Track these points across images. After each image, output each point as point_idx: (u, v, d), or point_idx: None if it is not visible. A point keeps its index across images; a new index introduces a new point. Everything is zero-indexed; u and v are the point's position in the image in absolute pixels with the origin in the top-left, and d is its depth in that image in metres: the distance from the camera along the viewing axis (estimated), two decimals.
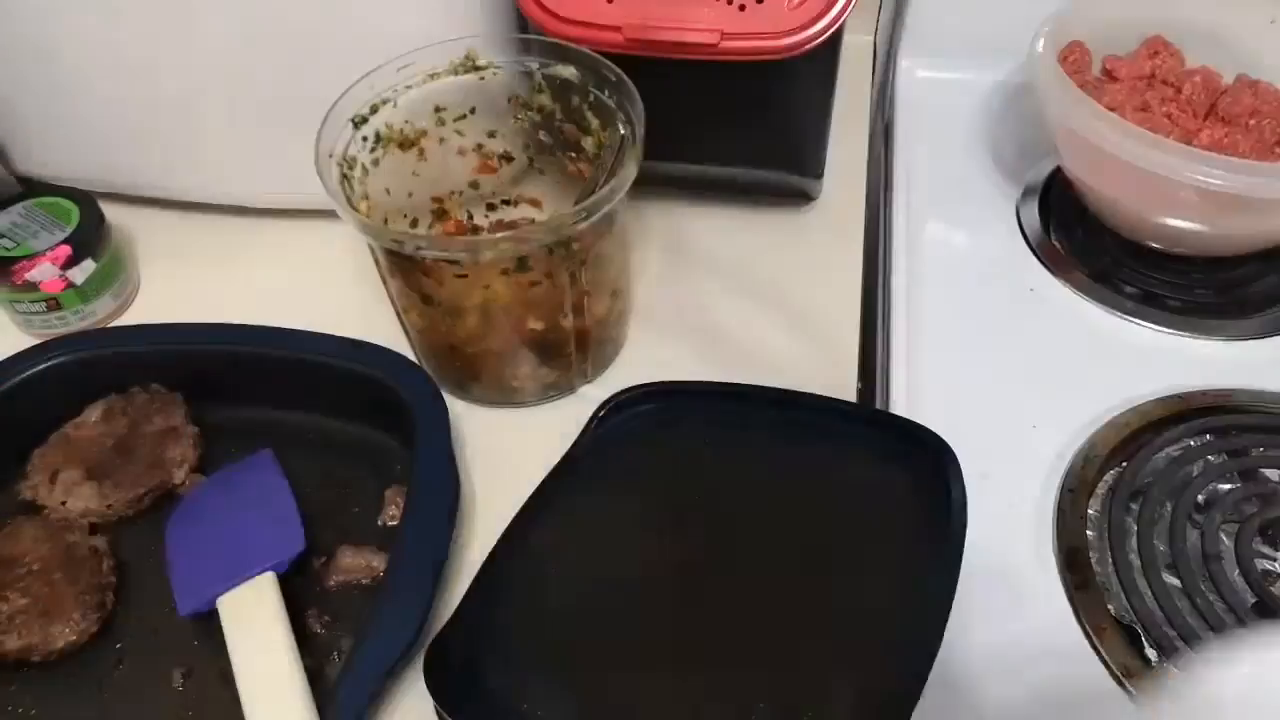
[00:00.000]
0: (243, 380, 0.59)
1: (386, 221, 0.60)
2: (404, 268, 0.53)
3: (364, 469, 0.57)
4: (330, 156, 0.53)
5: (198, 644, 0.50)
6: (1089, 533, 0.53)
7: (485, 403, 0.61)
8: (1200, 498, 0.53)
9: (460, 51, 0.58)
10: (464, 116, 0.61)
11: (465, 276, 0.52)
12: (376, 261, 0.56)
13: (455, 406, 0.59)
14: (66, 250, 0.63)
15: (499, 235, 0.49)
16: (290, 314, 0.59)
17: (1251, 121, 0.65)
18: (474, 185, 0.65)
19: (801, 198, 0.73)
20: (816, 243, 0.71)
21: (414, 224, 0.64)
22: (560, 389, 0.61)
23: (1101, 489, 0.55)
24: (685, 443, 0.55)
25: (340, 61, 0.56)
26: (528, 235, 0.51)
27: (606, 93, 0.56)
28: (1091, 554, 0.52)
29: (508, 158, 0.64)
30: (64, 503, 0.54)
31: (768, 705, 0.42)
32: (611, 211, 0.54)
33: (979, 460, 0.53)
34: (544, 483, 0.51)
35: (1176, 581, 0.50)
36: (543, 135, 0.62)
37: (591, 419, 0.55)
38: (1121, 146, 0.58)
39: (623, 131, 0.55)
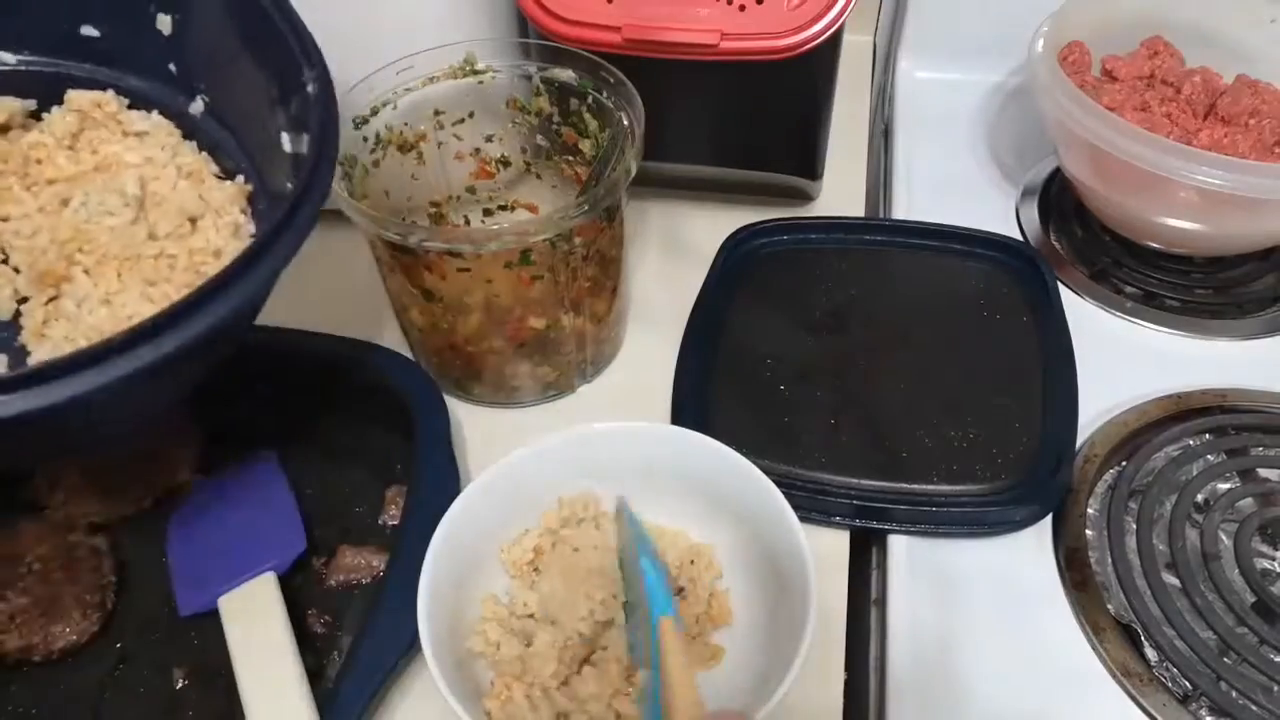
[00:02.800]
0: (244, 381, 0.59)
1: None
2: (406, 263, 0.53)
3: (364, 469, 0.57)
4: None
5: (198, 644, 0.50)
6: (1088, 532, 0.53)
7: (485, 403, 0.61)
8: (1199, 497, 0.53)
9: (459, 55, 0.58)
10: (462, 120, 0.61)
11: (468, 270, 0.52)
12: (377, 259, 0.56)
13: (455, 407, 0.59)
14: None
15: (502, 227, 0.50)
16: (291, 314, 0.59)
17: (1251, 121, 0.65)
18: (471, 190, 0.65)
19: (801, 198, 0.73)
20: None
21: None
22: (560, 389, 0.61)
23: (1101, 488, 0.55)
24: (816, 261, 0.68)
25: (340, 64, 0.55)
26: (530, 227, 0.51)
27: (605, 94, 0.56)
28: (1091, 554, 0.52)
29: (505, 162, 0.64)
30: (65, 502, 0.54)
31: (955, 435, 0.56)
32: (612, 206, 0.54)
33: None
34: (699, 304, 0.64)
35: (1176, 581, 0.50)
36: (540, 139, 0.62)
37: (719, 253, 0.67)
38: (1121, 146, 0.58)
39: (625, 123, 0.55)
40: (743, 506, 0.49)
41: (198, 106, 0.52)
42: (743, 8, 0.58)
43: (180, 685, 0.49)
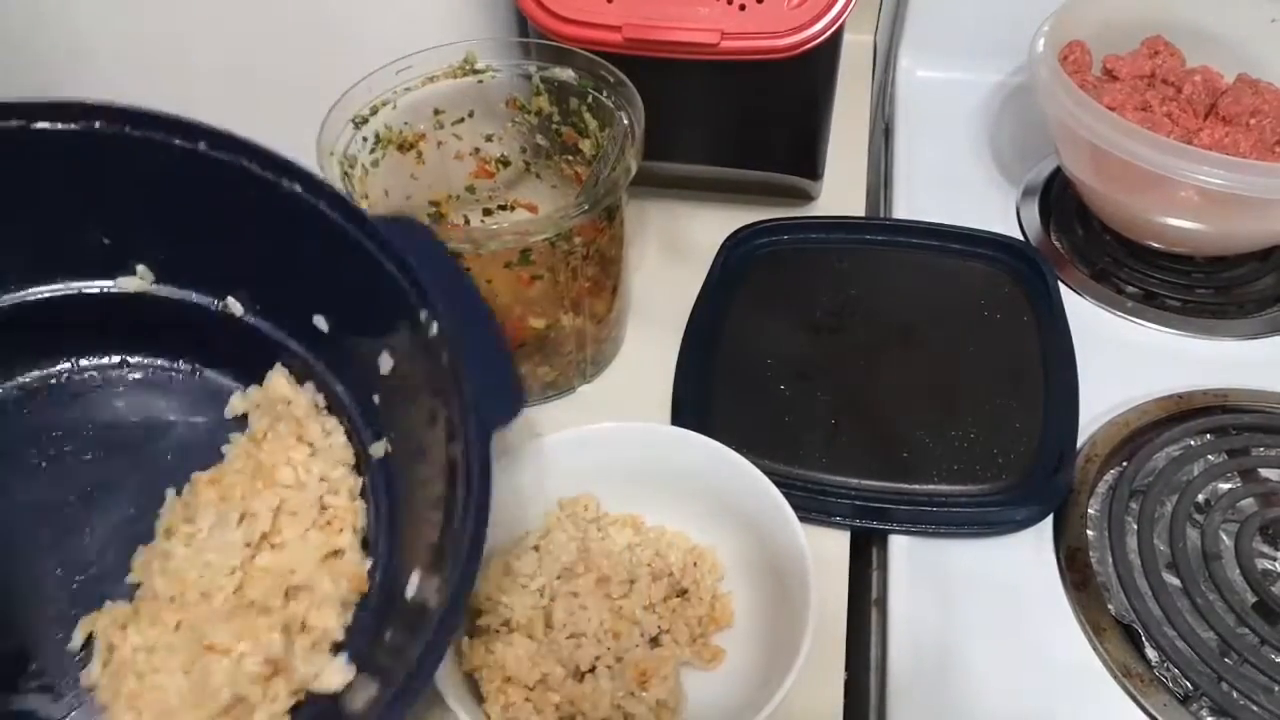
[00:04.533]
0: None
1: None
2: None
3: None
4: (331, 154, 0.53)
5: None
6: (1089, 532, 0.53)
7: None
8: (1200, 497, 0.53)
9: (459, 54, 0.58)
10: (462, 120, 0.61)
11: (468, 270, 0.52)
12: None
13: None
14: None
15: (502, 226, 0.50)
16: None
17: (1252, 121, 0.65)
18: (470, 189, 0.65)
19: (801, 198, 0.73)
20: None
21: None
22: (560, 389, 0.61)
23: (1102, 488, 0.55)
24: (816, 261, 0.68)
25: (340, 63, 0.56)
26: (530, 227, 0.51)
27: (605, 94, 0.56)
28: (1091, 554, 0.52)
29: (505, 161, 0.64)
30: None
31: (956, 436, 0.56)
32: (612, 205, 0.54)
33: None
34: (699, 304, 0.64)
35: (1176, 581, 0.50)
36: (540, 139, 0.62)
37: (719, 253, 0.67)
38: (1121, 146, 0.58)
39: (625, 122, 0.55)
40: (743, 507, 0.49)
41: (379, 449, 0.46)
42: (743, 7, 0.58)
43: None
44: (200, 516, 0.45)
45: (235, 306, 0.49)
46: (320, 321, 0.47)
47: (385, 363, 0.44)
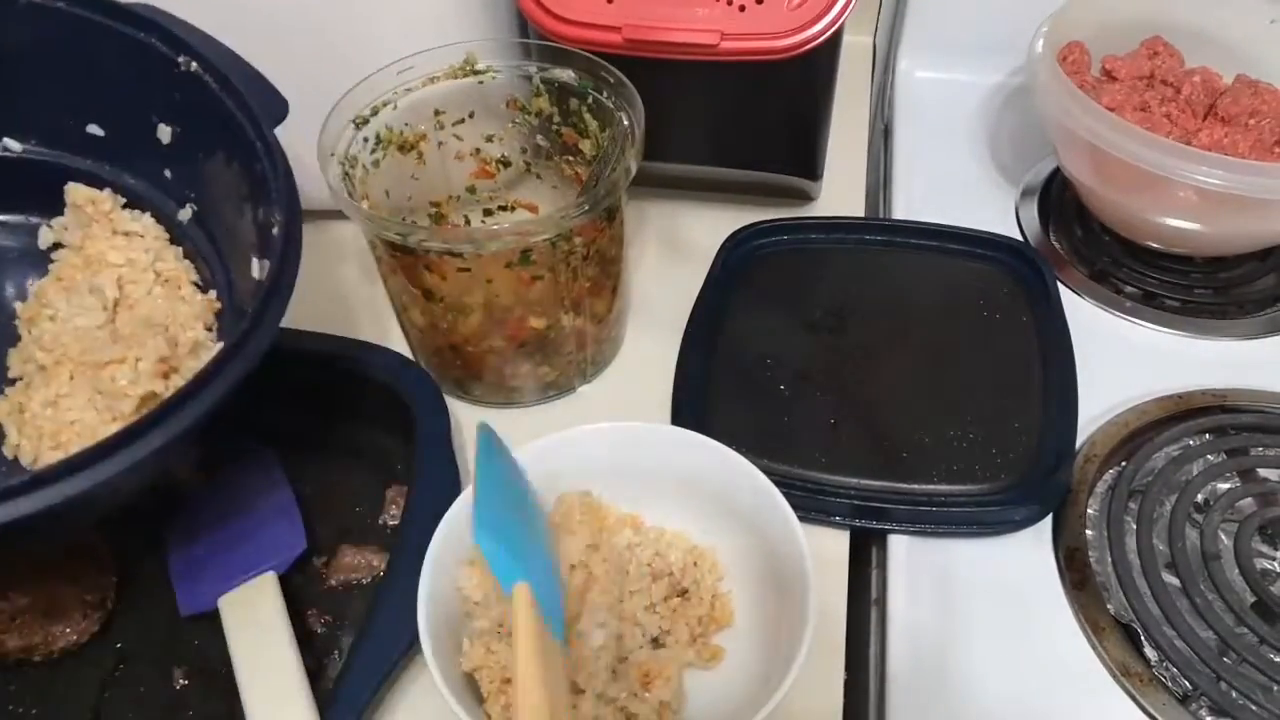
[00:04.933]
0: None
1: None
2: (406, 263, 0.53)
3: (365, 468, 0.57)
4: (332, 155, 0.54)
5: (198, 644, 0.50)
6: (1088, 532, 0.53)
7: (485, 403, 0.61)
8: (1199, 497, 0.53)
9: (460, 55, 0.58)
10: (463, 120, 0.61)
11: (468, 270, 0.52)
12: (378, 260, 0.56)
13: (455, 407, 0.59)
14: None
15: (502, 227, 0.50)
16: (291, 314, 0.58)
17: (1251, 121, 0.65)
18: (471, 190, 0.65)
19: (801, 198, 0.73)
20: None
21: None
22: (560, 389, 0.61)
23: (1101, 488, 0.55)
24: (816, 261, 0.68)
25: (341, 64, 0.56)
26: (530, 227, 0.51)
27: (605, 94, 0.56)
28: (1091, 553, 0.52)
29: (505, 162, 0.64)
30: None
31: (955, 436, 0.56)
32: (612, 206, 0.54)
33: None
34: (699, 304, 0.64)
35: (1175, 581, 0.50)
36: (540, 139, 0.62)
37: (719, 253, 0.67)
38: (1121, 146, 0.58)
39: (625, 123, 0.55)
40: (743, 507, 0.49)
41: (186, 214, 0.53)
42: (743, 8, 0.58)
43: (180, 685, 0.49)
44: (54, 302, 0.51)
45: (12, 145, 0.53)
46: (95, 129, 0.52)
47: (165, 133, 0.50)
